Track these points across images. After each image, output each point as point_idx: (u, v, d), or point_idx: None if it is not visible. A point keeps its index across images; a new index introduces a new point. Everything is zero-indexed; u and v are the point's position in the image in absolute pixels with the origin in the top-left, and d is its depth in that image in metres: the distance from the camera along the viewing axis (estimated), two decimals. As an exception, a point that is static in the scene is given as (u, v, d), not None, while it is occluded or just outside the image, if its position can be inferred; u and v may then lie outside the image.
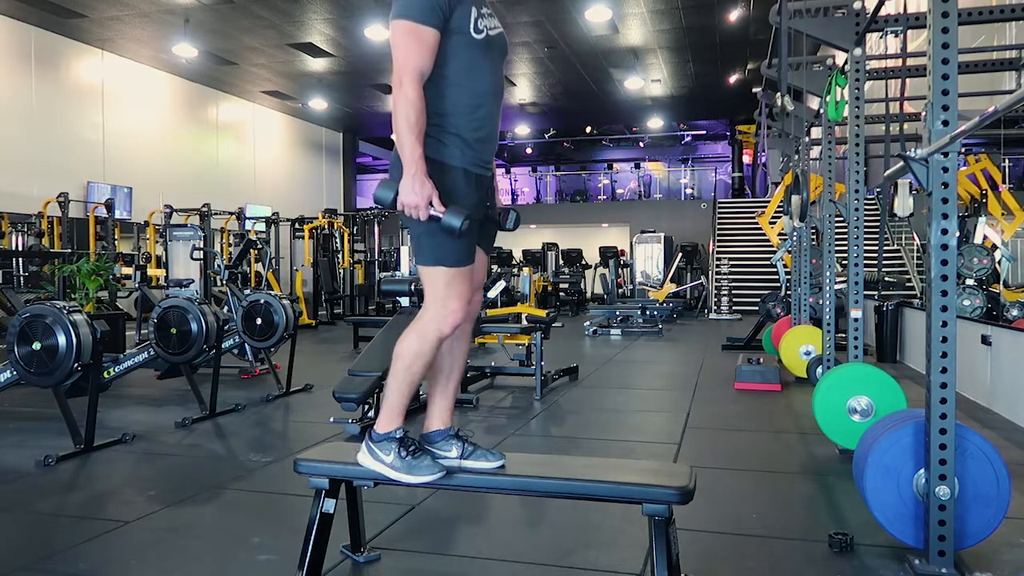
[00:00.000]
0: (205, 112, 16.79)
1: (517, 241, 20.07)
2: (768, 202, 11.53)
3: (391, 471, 2.24)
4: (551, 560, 2.72)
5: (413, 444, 2.27)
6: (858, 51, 4.40)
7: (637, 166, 25.05)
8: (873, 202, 12.88)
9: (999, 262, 7.37)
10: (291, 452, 4.28)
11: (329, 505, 2.43)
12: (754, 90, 12.68)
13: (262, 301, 6.22)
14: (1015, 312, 7.10)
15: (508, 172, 24.85)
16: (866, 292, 5.60)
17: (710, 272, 16.46)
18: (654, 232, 18.08)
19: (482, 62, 2.21)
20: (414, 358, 2.21)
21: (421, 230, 2.18)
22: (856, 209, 4.40)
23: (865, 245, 4.49)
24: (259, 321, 6.19)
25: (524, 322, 7.19)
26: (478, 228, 2.27)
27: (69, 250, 10.55)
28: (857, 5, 4.40)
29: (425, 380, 2.35)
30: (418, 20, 2.09)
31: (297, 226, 14.74)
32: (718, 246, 17.12)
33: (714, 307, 15.21)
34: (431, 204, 2.07)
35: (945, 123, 2.52)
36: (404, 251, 11.23)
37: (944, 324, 2.57)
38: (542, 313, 6.90)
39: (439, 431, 2.36)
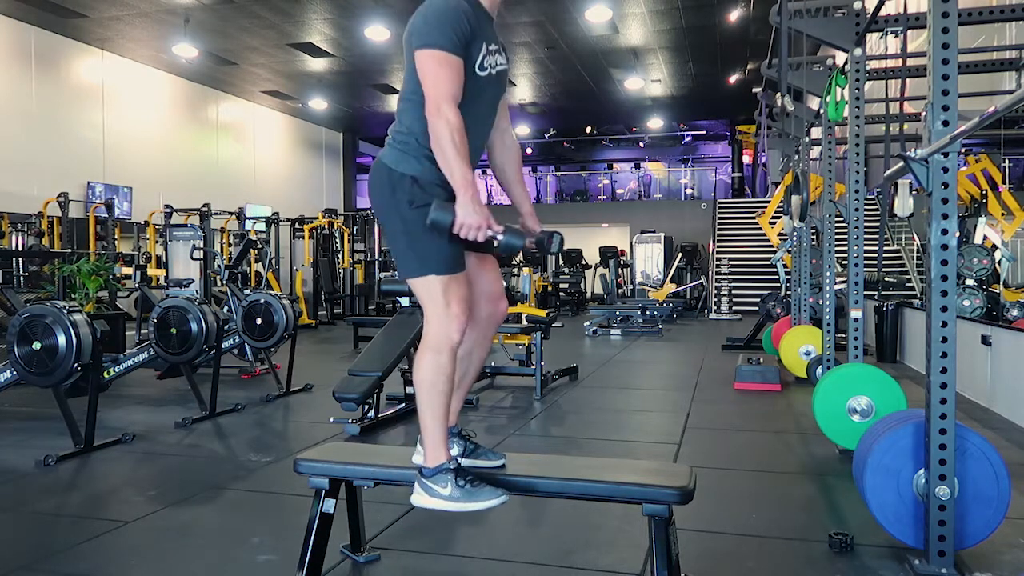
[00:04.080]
0: (205, 112, 16.79)
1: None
2: (768, 202, 11.53)
3: (453, 503, 2.14)
4: (551, 560, 2.72)
5: (468, 472, 2.20)
6: (858, 51, 4.40)
7: (637, 166, 25.04)
8: (873, 202, 12.87)
9: (999, 262, 7.37)
10: (291, 452, 4.28)
11: (329, 505, 2.43)
12: (754, 90, 12.67)
13: (262, 301, 6.22)
14: (1015, 312, 7.10)
15: (508, 172, 24.82)
16: (866, 292, 5.61)
17: (710, 272, 16.46)
18: (654, 232, 18.08)
19: (476, 100, 2.18)
20: (435, 375, 2.14)
21: (403, 245, 2.16)
22: (856, 209, 4.40)
23: (865, 245, 4.49)
24: (259, 321, 6.19)
25: (524, 322, 7.18)
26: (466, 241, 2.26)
27: (69, 250, 10.55)
28: (857, 5, 4.39)
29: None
30: (447, 49, 2.06)
31: (297, 226, 14.74)
32: (718, 246, 17.12)
33: (714, 307, 15.21)
34: (489, 225, 2.05)
35: (945, 123, 2.52)
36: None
37: (944, 324, 2.57)
38: (542, 313, 6.90)
39: None
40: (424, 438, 2.19)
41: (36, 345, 4.21)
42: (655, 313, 12.48)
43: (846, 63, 4.61)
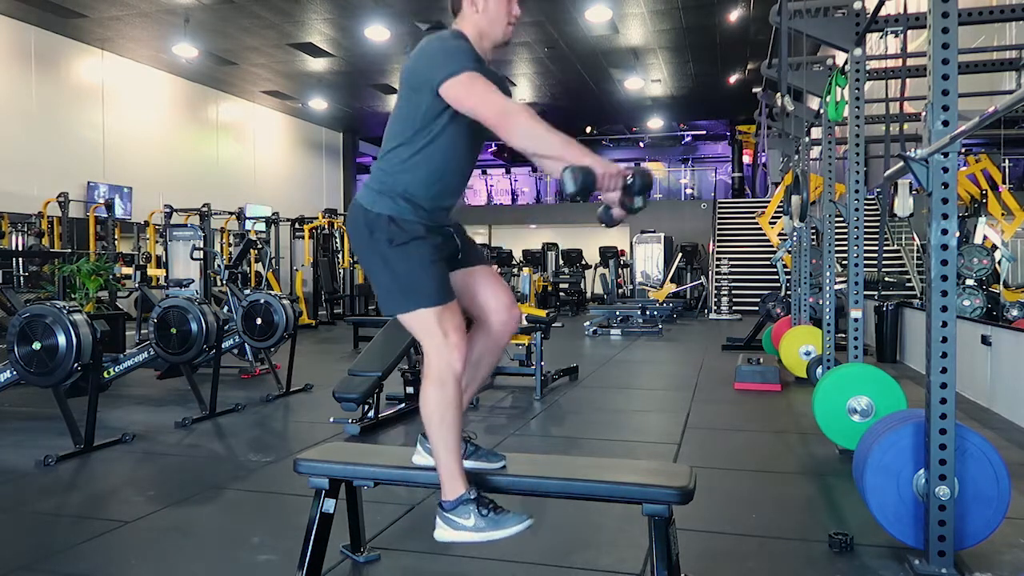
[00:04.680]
0: (205, 112, 16.79)
1: (517, 241, 20.09)
2: (768, 202, 11.53)
3: (478, 534, 2.10)
4: (551, 560, 2.72)
5: (489, 499, 2.16)
6: (858, 51, 4.40)
7: (637, 166, 25.01)
8: (873, 202, 12.87)
9: (999, 262, 7.37)
10: (291, 452, 4.28)
11: (329, 505, 2.43)
12: (754, 90, 12.66)
13: (262, 301, 6.22)
14: (1015, 312, 7.10)
15: (508, 172, 24.84)
16: (866, 292, 5.60)
17: (710, 272, 16.46)
18: (654, 232, 18.07)
19: (463, 142, 2.17)
20: (443, 409, 2.10)
21: (388, 283, 2.15)
22: (856, 209, 4.40)
23: (865, 245, 4.49)
24: (259, 321, 6.19)
25: (524, 322, 7.17)
26: (449, 263, 2.25)
27: (69, 250, 10.54)
28: (857, 5, 4.39)
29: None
30: (477, 70, 2.05)
31: (297, 226, 14.74)
32: (718, 246, 17.12)
33: (714, 307, 15.21)
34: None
35: (945, 123, 2.52)
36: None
37: (944, 324, 2.57)
38: (542, 313, 6.89)
39: None
40: (440, 470, 2.16)
41: (36, 345, 4.21)
42: (655, 313, 12.49)
43: (846, 63, 4.61)
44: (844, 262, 5.19)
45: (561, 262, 17.68)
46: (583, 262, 17.70)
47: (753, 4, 11.78)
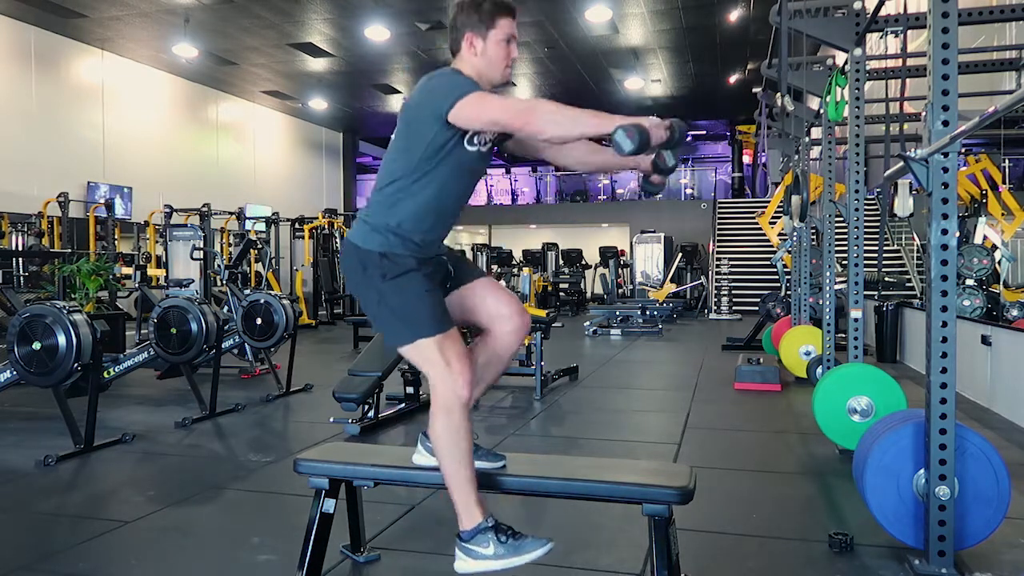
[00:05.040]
0: (205, 112, 16.79)
1: (517, 241, 20.10)
2: (768, 202, 11.53)
3: (499, 561, 2.09)
4: (551, 560, 2.71)
5: (506, 526, 2.14)
6: (858, 51, 4.40)
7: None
8: (873, 202, 12.87)
9: (999, 262, 7.37)
10: (291, 452, 4.28)
11: (329, 505, 2.43)
12: (754, 90, 12.66)
13: (262, 301, 6.22)
14: (1015, 312, 7.10)
15: (508, 172, 24.83)
16: (866, 292, 5.60)
17: (710, 272, 16.46)
18: (654, 232, 18.07)
19: (460, 172, 2.18)
20: (453, 437, 2.10)
21: (387, 316, 2.16)
22: (856, 209, 4.40)
23: (865, 245, 4.49)
24: (259, 321, 6.19)
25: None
26: (443, 287, 2.26)
27: (69, 250, 10.54)
28: (857, 5, 4.39)
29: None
30: (482, 90, 2.07)
31: (297, 226, 14.74)
32: (718, 246, 17.12)
33: (714, 307, 15.21)
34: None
35: (945, 123, 2.52)
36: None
37: (944, 324, 2.57)
38: (542, 313, 6.89)
39: None
40: (455, 500, 2.14)
41: (36, 345, 4.21)
42: (655, 313, 12.48)
43: (846, 63, 4.61)
44: (844, 262, 5.19)
45: (561, 262, 17.68)
46: (583, 262, 17.70)
47: (753, 4, 11.78)
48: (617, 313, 12.24)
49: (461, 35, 2.21)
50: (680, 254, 17.18)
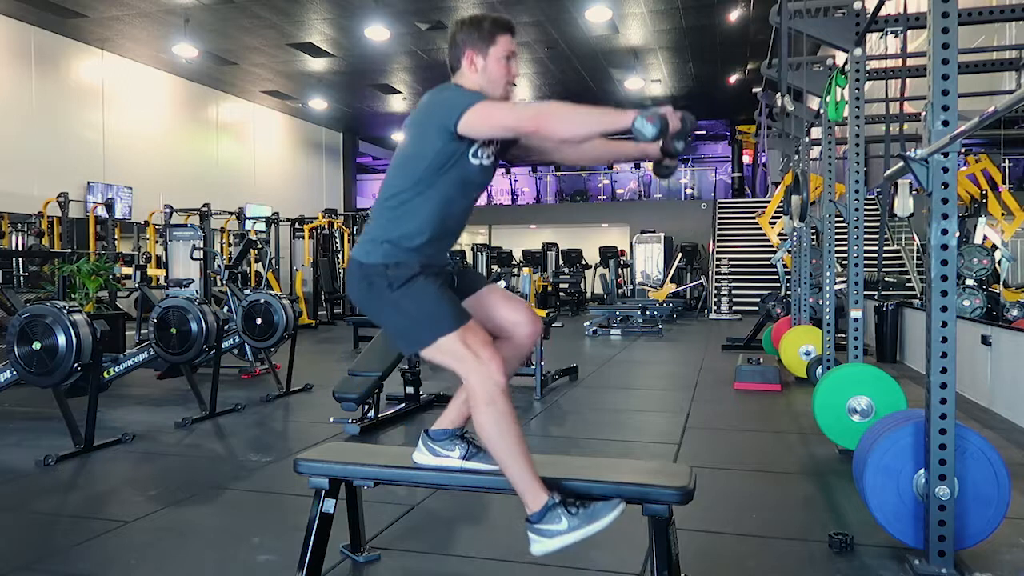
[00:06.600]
0: (205, 112, 16.79)
1: (517, 241, 20.09)
2: (768, 202, 11.53)
3: (576, 533, 2.08)
4: (551, 560, 2.71)
5: (572, 497, 2.13)
6: (858, 51, 4.40)
7: (637, 166, 24.92)
8: (873, 202, 12.88)
9: (999, 262, 7.37)
10: (291, 452, 4.28)
11: (329, 505, 2.43)
12: (754, 90, 12.67)
13: (262, 301, 6.22)
14: (1015, 312, 7.10)
15: (508, 172, 24.83)
16: (866, 292, 5.60)
17: (710, 272, 16.46)
18: (654, 232, 18.07)
19: (464, 186, 2.18)
20: (500, 423, 2.08)
21: (406, 323, 2.16)
22: (856, 209, 4.40)
23: (865, 245, 4.49)
24: (259, 321, 6.19)
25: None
26: (453, 288, 2.26)
27: (69, 250, 10.54)
28: (857, 5, 4.39)
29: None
30: (482, 98, 2.07)
31: (297, 226, 14.74)
32: (718, 246, 17.12)
33: (714, 307, 15.21)
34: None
35: (945, 123, 2.52)
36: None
37: (944, 324, 2.57)
38: (542, 313, 6.89)
39: (445, 430, 2.34)
40: (517, 485, 2.12)
41: (36, 345, 4.21)
42: (655, 313, 12.48)
43: (846, 63, 4.61)
44: (844, 262, 5.19)
45: (561, 262, 17.67)
46: (583, 262, 17.69)
47: (753, 4, 11.78)
48: (617, 313, 12.24)
49: (461, 52, 2.21)
50: (680, 254, 17.18)
